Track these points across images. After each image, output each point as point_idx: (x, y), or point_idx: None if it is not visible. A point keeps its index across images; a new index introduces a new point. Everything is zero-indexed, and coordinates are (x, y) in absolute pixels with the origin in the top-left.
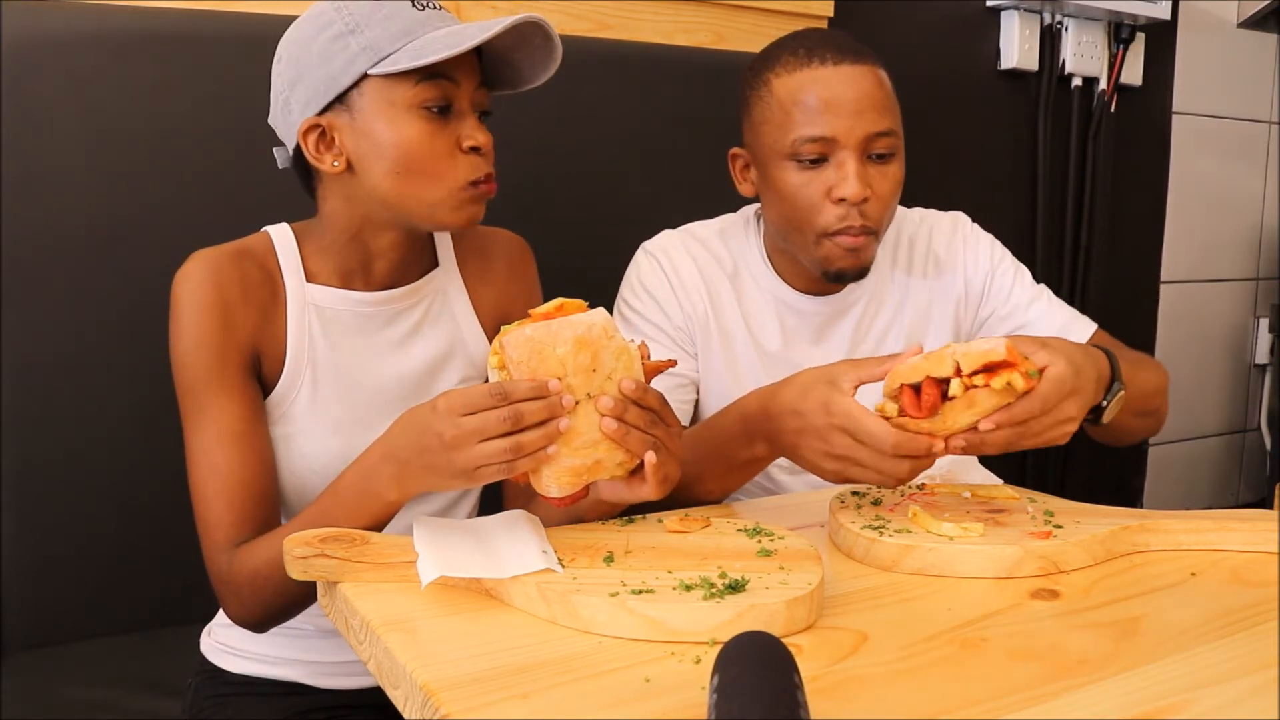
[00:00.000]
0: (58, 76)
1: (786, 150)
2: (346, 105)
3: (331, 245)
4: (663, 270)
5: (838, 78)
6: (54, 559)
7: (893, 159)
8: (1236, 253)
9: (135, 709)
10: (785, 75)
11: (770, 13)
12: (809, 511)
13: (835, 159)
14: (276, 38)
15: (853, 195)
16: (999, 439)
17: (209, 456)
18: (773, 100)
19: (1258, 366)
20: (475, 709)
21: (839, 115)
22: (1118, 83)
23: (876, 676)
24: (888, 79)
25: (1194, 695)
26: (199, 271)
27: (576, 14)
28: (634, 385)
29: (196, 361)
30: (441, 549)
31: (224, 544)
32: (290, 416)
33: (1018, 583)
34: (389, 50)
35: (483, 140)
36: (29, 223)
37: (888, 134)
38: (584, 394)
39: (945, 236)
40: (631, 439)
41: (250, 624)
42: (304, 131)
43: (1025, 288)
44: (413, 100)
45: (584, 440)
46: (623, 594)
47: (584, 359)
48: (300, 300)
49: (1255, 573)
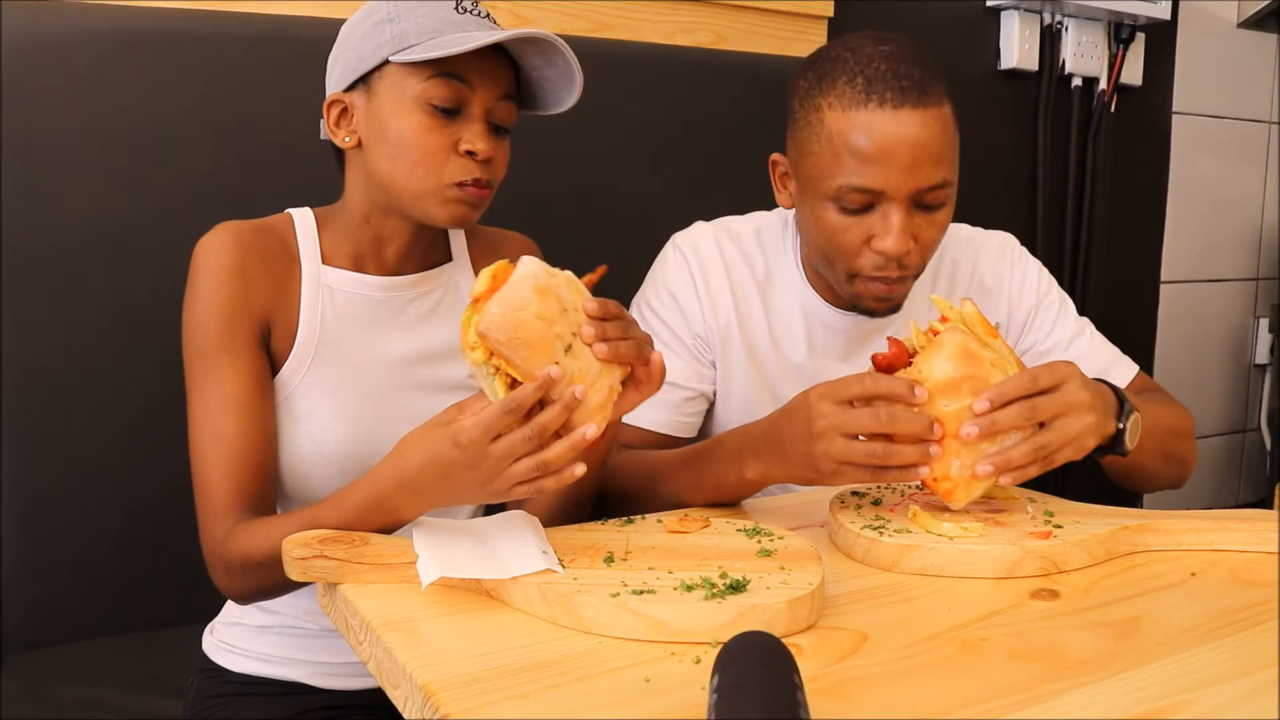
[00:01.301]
0: (58, 76)
1: (830, 192)
2: (368, 86)
3: (346, 226)
4: (690, 272)
5: (896, 125)
6: (54, 559)
7: (943, 206)
8: (1236, 253)
9: (135, 709)
10: (839, 110)
11: (770, 13)
12: (809, 511)
13: (880, 209)
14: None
15: (894, 251)
16: (1010, 416)
17: (212, 422)
18: (823, 133)
19: (1258, 366)
20: (475, 709)
21: (891, 168)
22: (1118, 83)
23: (876, 676)
24: (951, 114)
25: (1194, 695)
26: (221, 239)
27: (576, 14)
28: (595, 304)
29: (208, 326)
30: (441, 550)
31: (220, 511)
32: (297, 396)
33: (1018, 583)
34: (414, 42)
35: (481, 148)
36: (29, 223)
37: (942, 185)
38: (570, 335)
39: (992, 263)
40: (621, 350)
41: (234, 598)
42: (328, 104)
43: (1068, 323)
44: (421, 94)
45: (592, 375)
46: (624, 594)
47: (551, 304)
48: (315, 280)
49: (1255, 573)
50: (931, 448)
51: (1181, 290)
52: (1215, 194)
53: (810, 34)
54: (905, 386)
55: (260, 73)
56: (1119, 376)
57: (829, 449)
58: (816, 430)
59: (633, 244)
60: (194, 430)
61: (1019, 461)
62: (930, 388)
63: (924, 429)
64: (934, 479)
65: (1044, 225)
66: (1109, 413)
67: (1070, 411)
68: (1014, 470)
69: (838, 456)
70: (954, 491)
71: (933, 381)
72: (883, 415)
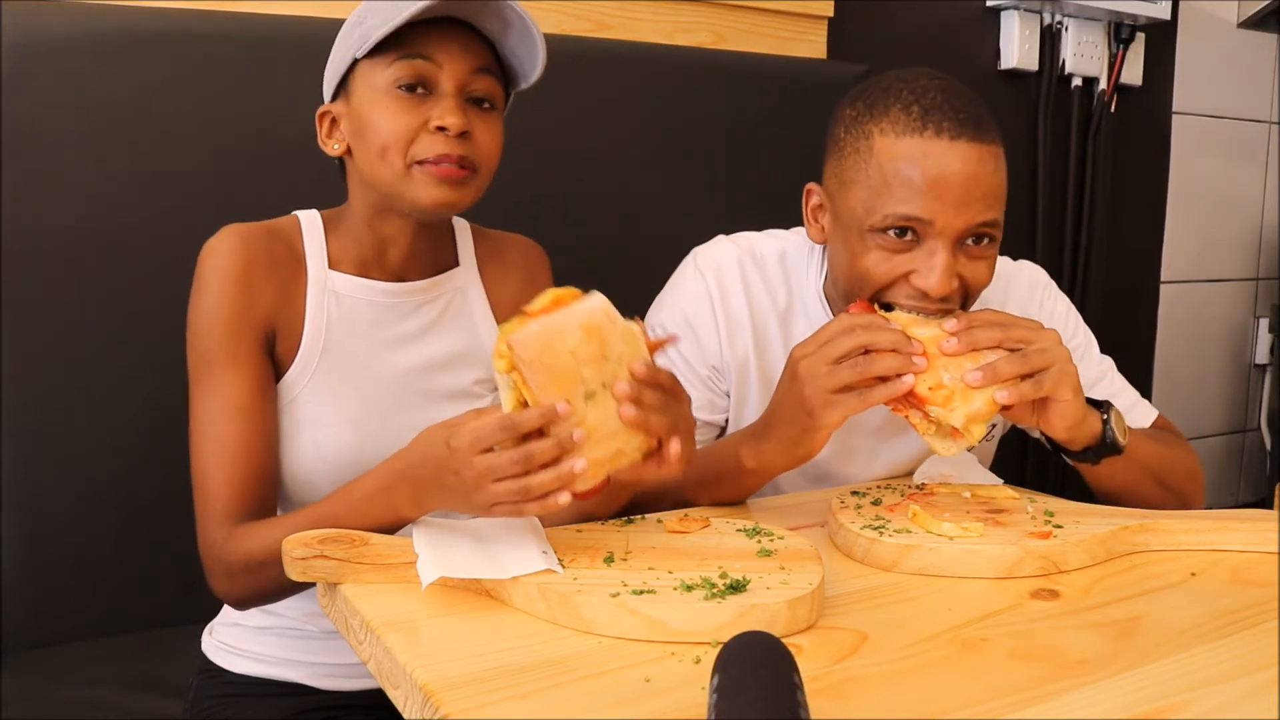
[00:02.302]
0: (58, 76)
1: (875, 222)
2: (346, 91)
3: (350, 231)
4: (710, 300)
5: (952, 155)
6: (54, 559)
7: (990, 245)
8: (1236, 253)
9: (135, 709)
10: (892, 137)
11: (770, 13)
12: (809, 511)
13: (926, 245)
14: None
15: (936, 291)
16: (987, 331)
17: (215, 427)
18: (872, 160)
19: (1258, 366)
20: (475, 709)
21: (942, 201)
22: (1118, 83)
23: (876, 676)
24: (1003, 157)
25: (1194, 695)
26: (227, 242)
27: (576, 14)
28: (644, 367)
29: (213, 330)
30: (441, 550)
31: (220, 516)
32: (301, 401)
33: (1018, 583)
34: (374, 37)
35: (452, 121)
36: (29, 223)
37: (992, 224)
38: (598, 384)
39: (1020, 301)
40: (651, 422)
41: (233, 602)
42: (319, 117)
43: (1092, 365)
44: (389, 80)
45: (605, 431)
46: (624, 594)
47: (593, 347)
48: (321, 284)
49: (1255, 573)
50: (915, 359)
51: (1181, 290)
52: (1215, 194)
53: (810, 34)
54: (879, 318)
55: (260, 73)
56: (1139, 419)
57: (815, 385)
58: (802, 372)
59: (633, 244)
60: (196, 434)
61: (1006, 373)
62: (901, 326)
63: (899, 339)
64: (929, 388)
65: (1044, 225)
66: (1084, 400)
67: (1044, 344)
68: (1004, 382)
69: (825, 386)
70: (952, 398)
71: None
72: (859, 333)
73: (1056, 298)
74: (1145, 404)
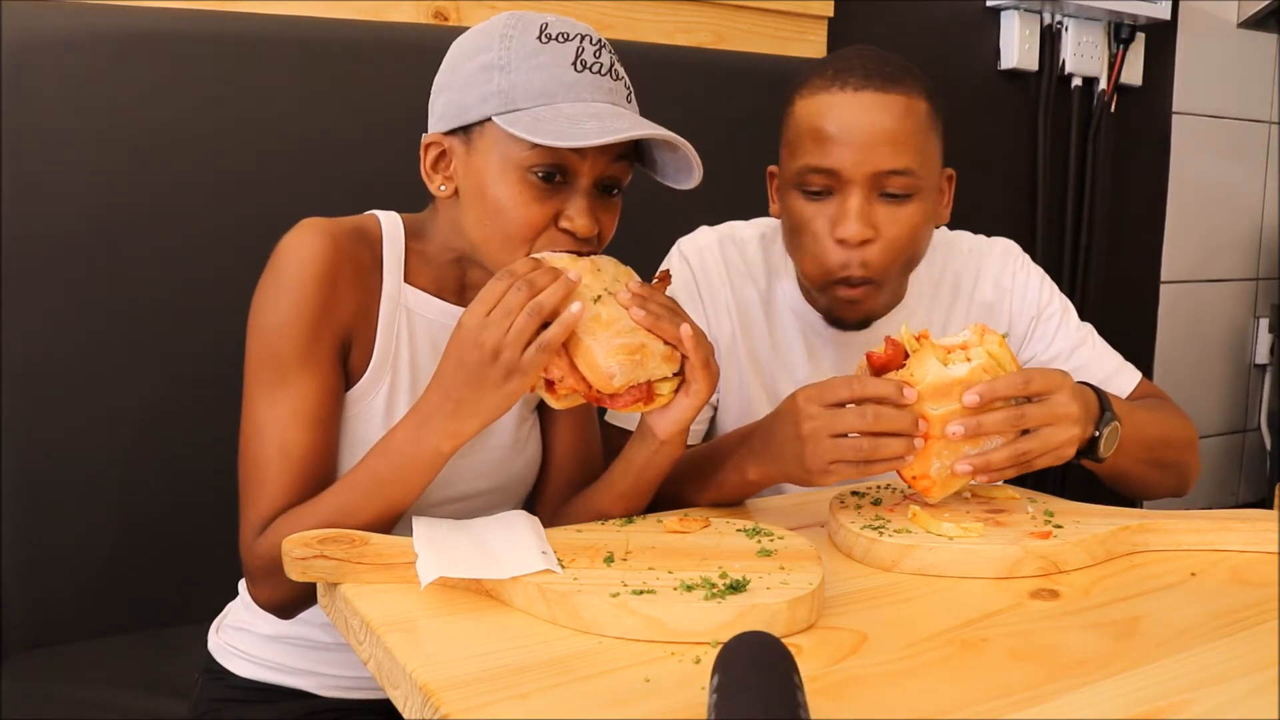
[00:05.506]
0: (58, 76)
1: (794, 178)
2: (468, 137)
3: (434, 256)
4: (695, 282)
5: (855, 105)
6: (54, 559)
7: (909, 200)
8: (1236, 253)
9: (135, 709)
10: (808, 97)
11: (770, 13)
12: (809, 511)
13: (840, 194)
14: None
15: (850, 236)
16: (996, 421)
17: (282, 433)
18: (792, 122)
19: (1258, 366)
20: (475, 709)
21: (847, 147)
22: (1118, 83)
23: (876, 676)
24: (925, 110)
25: (1194, 695)
26: (314, 240)
27: (576, 14)
28: (640, 284)
29: (289, 330)
30: (441, 550)
31: (266, 522)
32: (364, 416)
33: (1018, 583)
34: (520, 105)
35: (582, 225)
36: (29, 223)
37: (903, 173)
38: (600, 289)
39: (993, 275)
40: (663, 323)
41: (278, 608)
42: (426, 144)
43: (1070, 333)
44: (523, 162)
45: (621, 325)
46: (624, 594)
47: (583, 264)
48: (395, 298)
49: (1255, 573)
50: (915, 440)
51: (1181, 290)
52: (1215, 194)
53: (810, 34)
54: (893, 388)
55: (260, 73)
56: (1121, 385)
57: (818, 449)
58: (805, 432)
59: (632, 243)
60: (257, 435)
61: (998, 465)
62: (921, 390)
63: (909, 426)
64: (913, 476)
65: (1044, 225)
66: (1092, 421)
67: (1057, 422)
68: (992, 472)
69: (826, 456)
70: (931, 489)
71: (924, 385)
72: (869, 414)
73: (1029, 269)
74: (1129, 369)
